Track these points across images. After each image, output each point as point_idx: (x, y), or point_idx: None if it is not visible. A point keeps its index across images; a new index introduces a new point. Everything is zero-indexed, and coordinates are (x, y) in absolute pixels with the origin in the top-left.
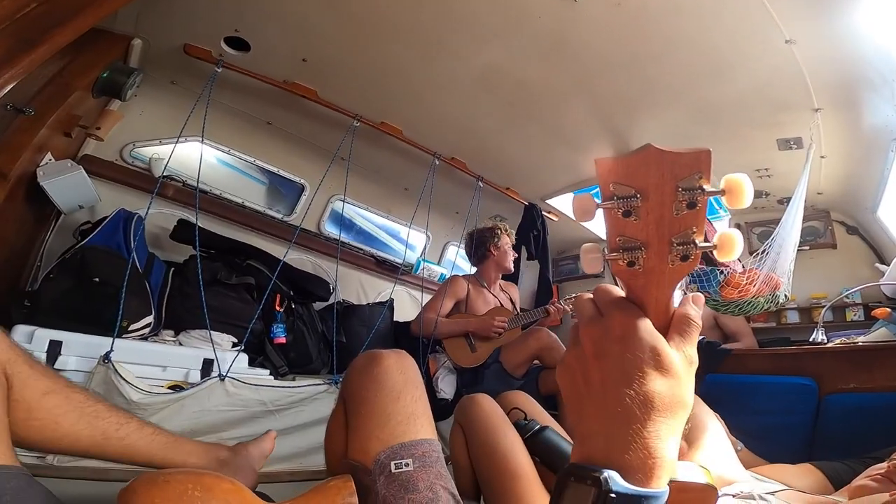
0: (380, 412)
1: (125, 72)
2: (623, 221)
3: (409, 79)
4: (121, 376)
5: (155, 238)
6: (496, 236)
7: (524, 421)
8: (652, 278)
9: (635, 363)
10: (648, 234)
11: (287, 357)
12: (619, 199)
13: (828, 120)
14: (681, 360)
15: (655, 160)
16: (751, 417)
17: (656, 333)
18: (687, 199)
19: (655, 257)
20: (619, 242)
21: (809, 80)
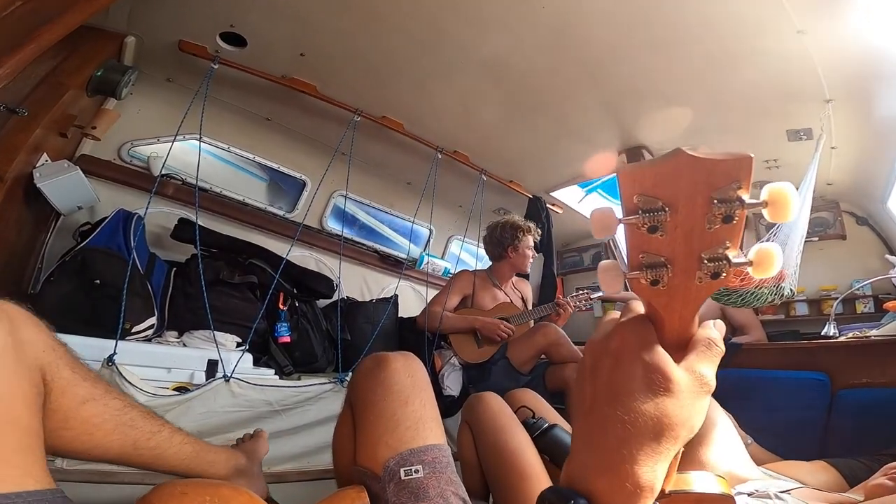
0: (388, 417)
1: (119, 70)
2: (647, 237)
3: (411, 71)
4: (126, 379)
5: (156, 238)
6: (517, 238)
7: (532, 419)
8: (676, 296)
9: (624, 381)
10: (675, 250)
11: (292, 356)
12: (645, 214)
13: (839, 111)
14: (687, 381)
15: (687, 168)
16: (762, 413)
17: (658, 351)
18: (723, 212)
19: (682, 275)
20: (641, 260)
21: (821, 71)
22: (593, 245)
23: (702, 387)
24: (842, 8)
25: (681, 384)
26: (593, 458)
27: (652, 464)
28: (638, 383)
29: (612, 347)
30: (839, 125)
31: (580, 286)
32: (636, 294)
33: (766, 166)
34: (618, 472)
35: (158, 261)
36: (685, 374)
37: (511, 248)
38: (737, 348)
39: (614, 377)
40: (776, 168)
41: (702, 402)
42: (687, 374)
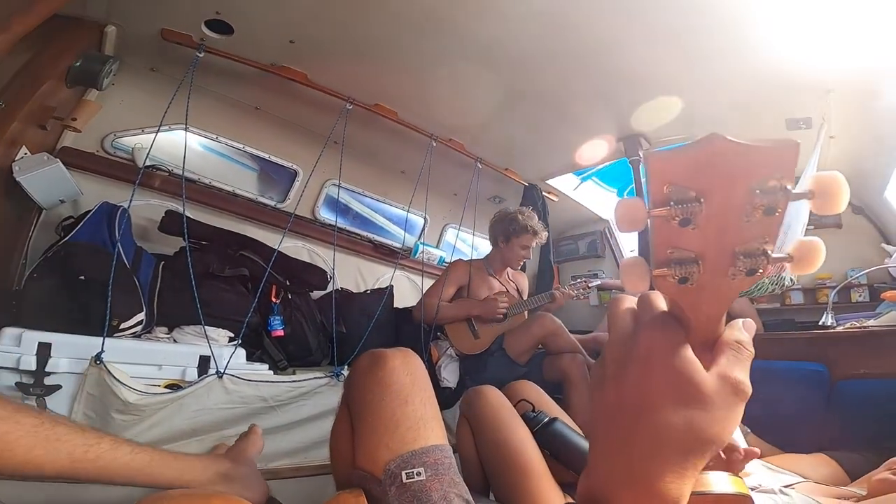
0: (387, 418)
1: (99, 60)
2: (678, 231)
3: (405, 59)
4: (114, 377)
5: (143, 231)
6: (511, 233)
7: (532, 413)
8: (705, 295)
9: (652, 391)
10: (707, 245)
11: (286, 350)
12: (677, 205)
13: (840, 101)
14: (720, 390)
15: (725, 156)
16: (760, 404)
17: (689, 358)
18: (765, 203)
19: (713, 271)
20: (669, 255)
21: (826, 59)
22: (589, 233)
23: (737, 395)
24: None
25: (714, 395)
26: (616, 471)
27: (680, 479)
28: (667, 395)
29: (639, 352)
30: (838, 115)
31: (576, 274)
32: (661, 292)
33: None
34: (643, 487)
35: (145, 254)
36: (718, 382)
37: (502, 240)
38: None
39: (642, 386)
40: None
41: (736, 411)
42: (720, 382)
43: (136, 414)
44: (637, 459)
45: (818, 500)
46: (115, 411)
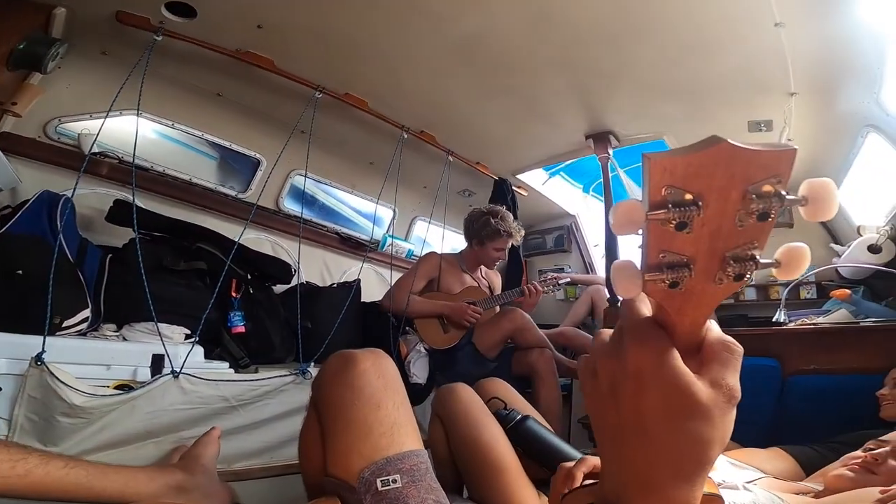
0: (360, 423)
1: (45, 42)
2: (672, 235)
3: (378, 47)
4: (58, 379)
5: (88, 221)
6: (486, 236)
7: (504, 411)
8: (691, 299)
9: (651, 409)
10: (698, 249)
11: (247, 347)
12: (675, 208)
13: (801, 104)
14: (716, 398)
15: (726, 159)
16: None
17: (681, 370)
18: (759, 208)
19: (701, 275)
20: (661, 259)
21: (791, 64)
22: (556, 227)
23: (730, 400)
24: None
25: (711, 405)
26: (629, 481)
27: (691, 485)
28: (666, 412)
29: (631, 369)
30: (798, 117)
31: (542, 268)
32: (650, 297)
33: None
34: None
35: (91, 247)
36: (713, 391)
37: (476, 241)
38: None
39: (639, 405)
40: None
41: (731, 414)
42: (714, 390)
43: (83, 417)
44: (648, 472)
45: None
46: (60, 414)
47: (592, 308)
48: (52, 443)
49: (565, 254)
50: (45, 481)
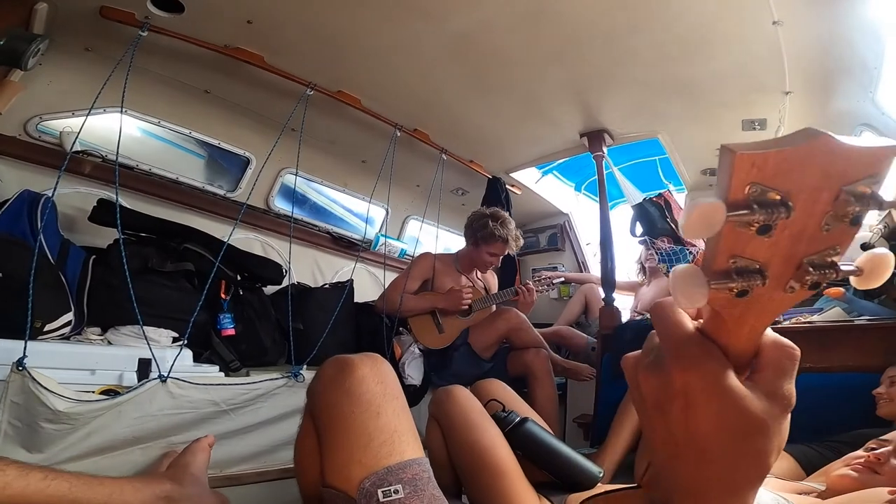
0: (359, 432)
1: (26, 38)
2: (750, 238)
3: (371, 43)
4: (40, 384)
5: (71, 221)
6: (482, 239)
7: (503, 413)
8: (754, 307)
9: (705, 428)
10: (774, 254)
11: (238, 349)
12: (761, 209)
13: (795, 102)
14: (772, 410)
15: (822, 155)
16: None
17: (736, 390)
18: (854, 211)
19: (773, 282)
20: (731, 265)
21: (787, 63)
22: (549, 226)
23: (787, 409)
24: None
25: (767, 417)
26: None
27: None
28: (721, 430)
29: (678, 388)
30: (792, 116)
31: (536, 267)
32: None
33: (717, 154)
34: None
35: (73, 248)
36: (768, 403)
37: (472, 241)
38: None
39: (690, 424)
40: None
41: (787, 421)
42: (770, 402)
43: (67, 423)
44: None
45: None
46: (43, 420)
47: (586, 307)
48: (37, 449)
49: (559, 252)
50: (25, 493)
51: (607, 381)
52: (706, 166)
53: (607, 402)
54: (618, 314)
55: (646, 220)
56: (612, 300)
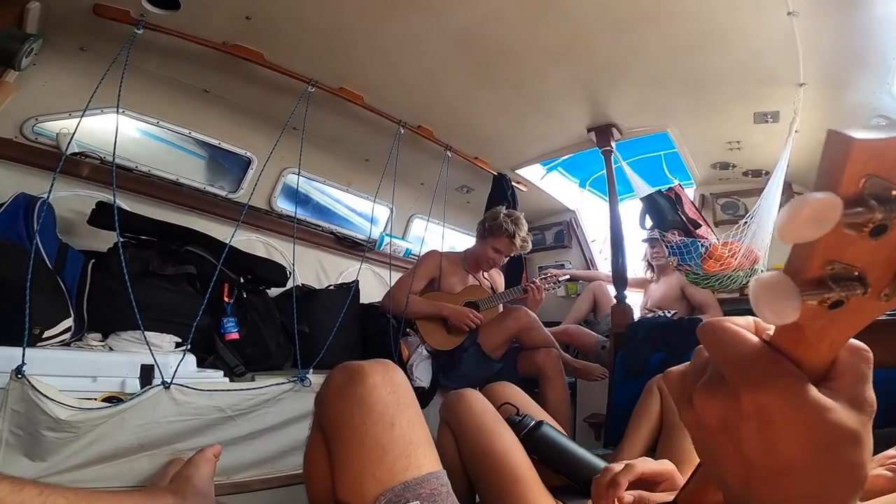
0: (372, 444)
1: (19, 38)
2: (852, 240)
3: (373, 38)
4: (40, 392)
5: (69, 225)
6: (489, 231)
7: (517, 417)
8: (842, 318)
9: (789, 448)
10: (876, 257)
11: (242, 354)
12: (880, 206)
13: (809, 95)
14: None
15: None
16: None
17: (821, 403)
18: None
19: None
20: (827, 272)
21: (802, 55)
22: (555, 223)
23: (872, 414)
24: None
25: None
26: None
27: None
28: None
29: (750, 410)
30: (806, 108)
31: (542, 265)
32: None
33: (729, 147)
34: None
35: (72, 252)
36: (854, 412)
37: (480, 236)
38: None
39: (772, 447)
40: (738, 150)
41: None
42: (855, 410)
43: (70, 431)
44: None
45: None
46: (45, 429)
47: (595, 304)
48: (40, 457)
49: (565, 250)
50: None
51: (620, 380)
52: (716, 160)
53: (621, 402)
54: (630, 312)
55: (656, 213)
56: (624, 297)
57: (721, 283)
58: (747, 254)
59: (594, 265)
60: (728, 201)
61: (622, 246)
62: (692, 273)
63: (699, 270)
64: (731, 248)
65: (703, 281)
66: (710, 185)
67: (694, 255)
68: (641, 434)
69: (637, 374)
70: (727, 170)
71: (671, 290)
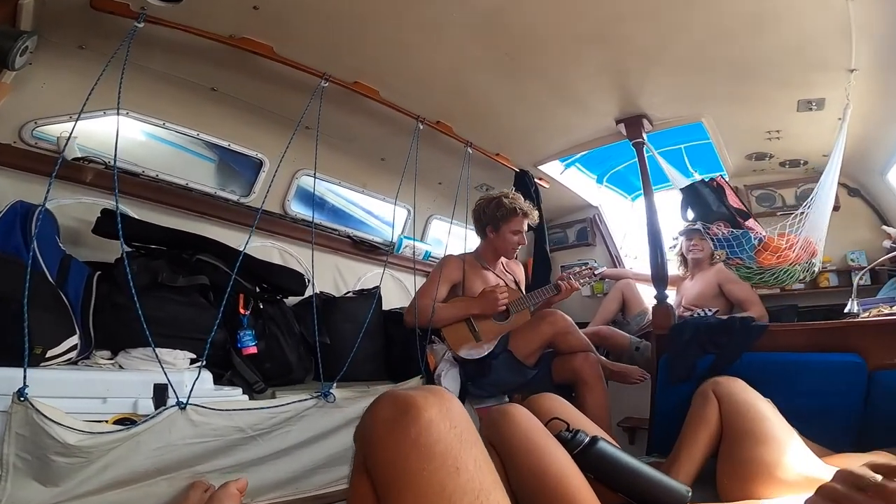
0: (435, 493)
1: (11, 36)
2: None
3: (390, 27)
4: (45, 416)
5: (74, 234)
6: (498, 218)
7: (568, 433)
8: None
9: None
10: None
11: (261, 369)
12: None
13: (860, 80)
14: None
15: None
16: (794, 400)
17: None
18: None
19: None
20: None
21: (855, 39)
22: (578, 221)
23: None
24: None
25: None
26: None
27: None
28: None
29: None
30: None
31: (565, 264)
32: None
33: (768, 137)
34: None
35: (75, 263)
36: None
37: (490, 228)
38: (762, 330)
39: None
40: (777, 139)
41: None
42: None
43: (81, 456)
44: None
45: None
46: (54, 454)
47: (624, 304)
48: (52, 483)
49: (589, 247)
50: None
51: (664, 384)
52: (753, 150)
53: (665, 408)
54: (672, 312)
55: (699, 204)
56: (665, 297)
57: (777, 279)
58: (805, 246)
59: (621, 263)
60: (764, 193)
61: (661, 242)
62: (744, 267)
63: (752, 264)
64: (787, 240)
65: (756, 276)
66: (744, 177)
67: (746, 247)
68: (699, 443)
69: (684, 379)
70: (763, 160)
71: (708, 286)
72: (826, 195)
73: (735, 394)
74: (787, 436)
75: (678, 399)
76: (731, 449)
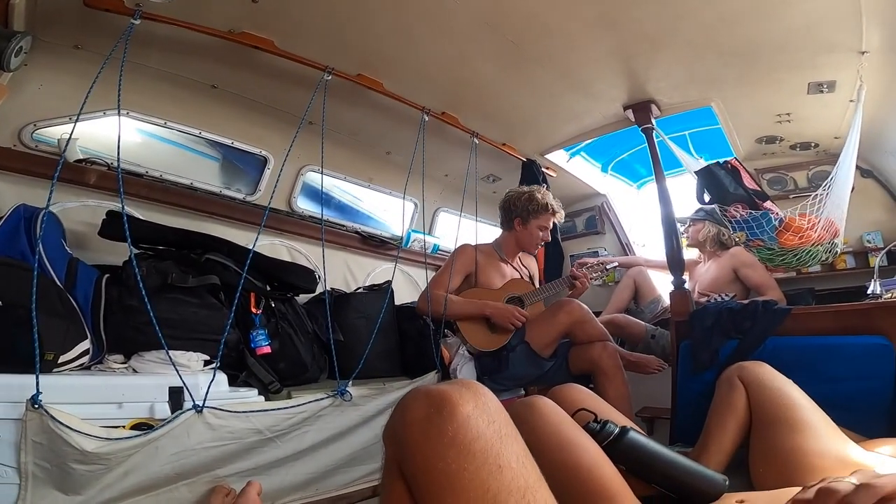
0: (478, 494)
1: (4, 36)
2: None
3: (393, 16)
4: (60, 423)
5: (80, 238)
6: (529, 212)
7: (596, 424)
8: None
9: None
10: None
11: (276, 369)
12: None
13: (871, 62)
14: None
15: None
16: (822, 385)
17: None
18: None
19: None
20: None
21: (865, 20)
22: (586, 209)
23: None
24: None
25: None
26: None
27: None
28: None
29: None
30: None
31: (574, 253)
32: None
33: (778, 120)
34: None
35: (83, 267)
36: None
37: (518, 220)
38: (786, 314)
39: None
40: (788, 122)
41: None
42: None
43: (100, 463)
44: None
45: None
46: (73, 461)
47: (636, 292)
48: (74, 491)
49: (598, 236)
50: None
51: (685, 372)
52: (763, 134)
53: (687, 396)
54: (691, 298)
55: (715, 187)
56: (682, 282)
57: (799, 259)
58: (827, 226)
59: (631, 250)
60: (775, 176)
61: (675, 228)
62: (765, 248)
63: (774, 245)
64: (809, 220)
65: (778, 257)
66: (754, 161)
67: (766, 228)
68: (727, 431)
69: (708, 366)
70: (773, 144)
71: (723, 271)
72: (846, 175)
73: (764, 380)
74: (821, 422)
75: (701, 386)
76: (764, 437)
